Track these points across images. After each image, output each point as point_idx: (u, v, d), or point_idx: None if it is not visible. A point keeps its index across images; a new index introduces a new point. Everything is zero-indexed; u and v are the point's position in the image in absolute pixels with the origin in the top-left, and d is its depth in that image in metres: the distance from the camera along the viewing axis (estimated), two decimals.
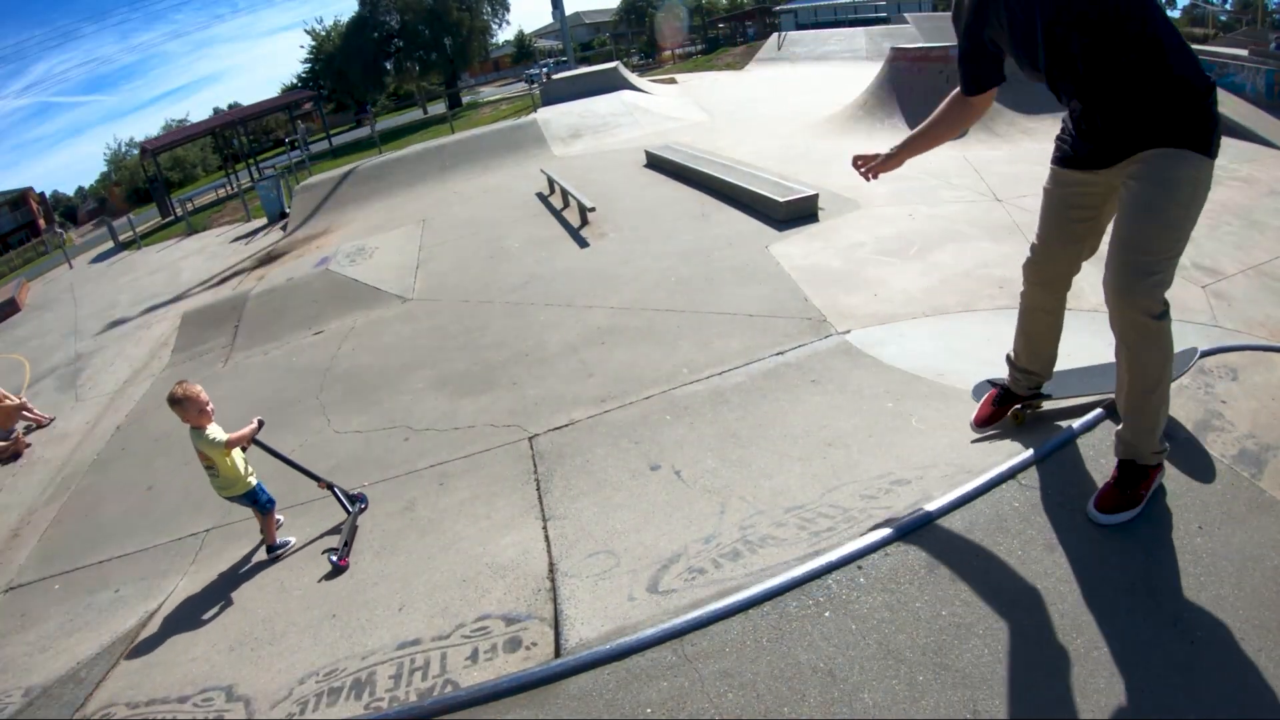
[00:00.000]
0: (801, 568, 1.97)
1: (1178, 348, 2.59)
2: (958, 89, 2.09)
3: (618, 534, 2.76)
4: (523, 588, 2.57)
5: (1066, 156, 2.01)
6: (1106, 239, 1.93)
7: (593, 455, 3.46)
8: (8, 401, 6.81)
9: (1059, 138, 2.05)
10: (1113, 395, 2.14)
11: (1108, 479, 1.99)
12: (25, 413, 6.87)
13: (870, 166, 2.26)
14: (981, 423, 2.52)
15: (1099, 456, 2.14)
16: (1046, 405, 2.51)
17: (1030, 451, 2.20)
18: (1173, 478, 2.04)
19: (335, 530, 3.40)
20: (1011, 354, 2.41)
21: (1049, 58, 1.81)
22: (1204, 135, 1.73)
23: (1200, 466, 2.08)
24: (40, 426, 6.85)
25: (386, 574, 2.96)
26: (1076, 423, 2.27)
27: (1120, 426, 1.98)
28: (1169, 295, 1.79)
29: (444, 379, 4.93)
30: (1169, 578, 1.79)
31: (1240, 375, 2.44)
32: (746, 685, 1.71)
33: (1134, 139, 1.79)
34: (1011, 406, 2.48)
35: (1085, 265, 2.18)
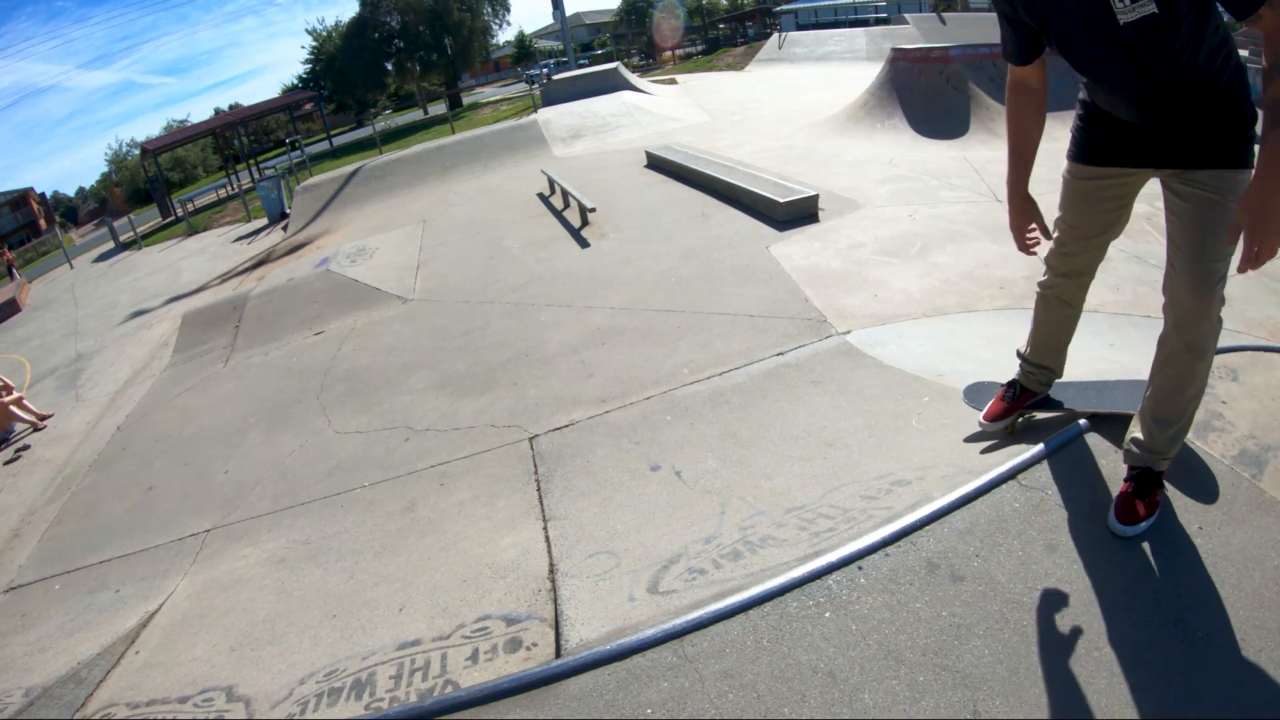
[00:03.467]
0: (802, 568, 1.97)
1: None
2: (1008, 76, 1.98)
3: (618, 534, 2.76)
4: (523, 588, 2.57)
5: (1101, 151, 1.90)
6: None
7: (593, 456, 3.46)
8: (6, 397, 6.83)
9: (1082, 128, 1.94)
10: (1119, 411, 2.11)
11: (1121, 489, 1.98)
12: (18, 409, 6.87)
13: (1034, 232, 2.13)
14: (992, 418, 2.51)
15: (1100, 457, 2.15)
16: (1040, 415, 2.49)
17: (1031, 451, 2.20)
18: (1173, 477, 2.04)
19: None
20: (1023, 348, 2.40)
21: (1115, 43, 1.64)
22: (1249, 154, 1.71)
23: (1200, 467, 2.08)
24: (36, 429, 6.86)
25: (387, 574, 2.96)
26: (1078, 423, 2.27)
27: (1143, 434, 1.95)
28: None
29: (444, 379, 4.93)
30: (1169, 578, 1.80)
31: (1240, 375, 2.44)
32: (747, 686, 1.71)
33: (1197, 152, 1.74)
34: (1023, 403, 2.47)
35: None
